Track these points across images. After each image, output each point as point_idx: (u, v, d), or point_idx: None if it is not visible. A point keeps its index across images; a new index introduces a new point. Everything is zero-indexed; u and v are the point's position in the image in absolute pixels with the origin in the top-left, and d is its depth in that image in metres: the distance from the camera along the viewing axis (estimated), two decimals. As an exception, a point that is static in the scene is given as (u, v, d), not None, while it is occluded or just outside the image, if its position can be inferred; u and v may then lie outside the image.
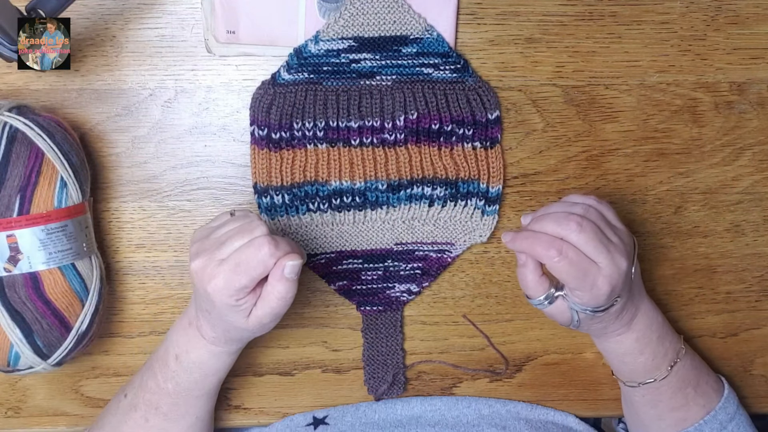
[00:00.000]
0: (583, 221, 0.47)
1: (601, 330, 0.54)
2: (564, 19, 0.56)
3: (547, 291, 0.50)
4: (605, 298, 0.48)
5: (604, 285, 0.47)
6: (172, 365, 0.52)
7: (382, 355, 0.59)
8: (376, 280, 0.59)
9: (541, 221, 0.49)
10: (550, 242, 0.47)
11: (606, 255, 0.47)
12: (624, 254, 0.48)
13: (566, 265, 0.47)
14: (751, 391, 0.64)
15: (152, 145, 0.57)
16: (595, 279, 0.47)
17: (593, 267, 0.47)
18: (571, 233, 0.47)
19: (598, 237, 0.47)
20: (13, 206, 0.48)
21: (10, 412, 0.60)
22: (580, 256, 0.47)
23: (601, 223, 0.49)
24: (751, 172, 0.59)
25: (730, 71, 0.57)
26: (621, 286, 0.48)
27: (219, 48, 0.55)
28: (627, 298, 0.51)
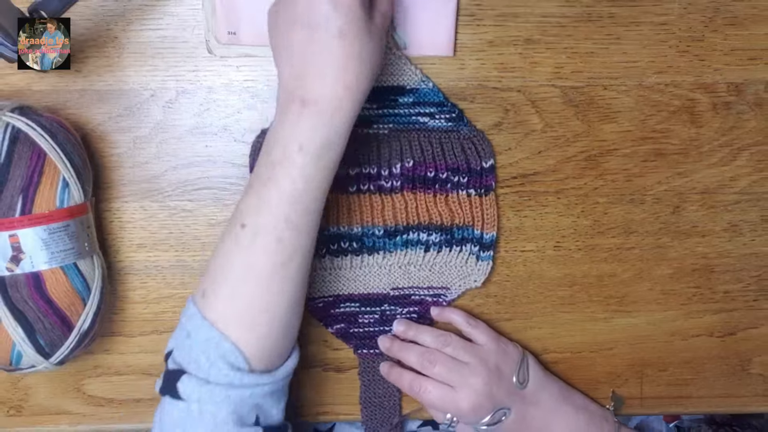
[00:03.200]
0: (434, 356, 0.56)
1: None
2: (563, 21, 0.56)
3: (448, 416, 0.56)
4: (473, 414, 0.55)
5: (464, 403, 0.54)
6: (298, 158, 0.45)
7: (379, 397, 0.60)
8: (373, 323, 0.59)
9: (404, 356, 0.57)
10: (413, 378, 0.56)
11: (459, 379, 0.55)
12: (482, 369, 0.55)
13: (430, 395, 0.55)
14: (749, 390, 0.64)
15: (153, 146, 0.57)
16: (456, 401, 0.54)
17: (452, 391, 0.55)
18: (428, 368, 0.56)
19: (447, 366, 0.55)
20: (15, 206, 0.49)
21: (13, 411, 0.61)
22: (436, 386, 0.55)
23: (459, 350, 0.56)
24: (748, 173, 0.60)
25: (727, 72, 0.58)
26: (487, 400, 0.54)
27: (220, 49, 0.55)
28: (522, 407, 0.56)
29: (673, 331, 0.62)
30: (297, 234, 0.46)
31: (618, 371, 0.63)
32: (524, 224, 0.59)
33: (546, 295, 0.61)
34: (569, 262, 0.61)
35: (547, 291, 0.61)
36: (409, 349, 0.57)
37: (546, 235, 0.60)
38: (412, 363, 0.56)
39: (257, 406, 0.47)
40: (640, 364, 0.63)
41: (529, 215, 0.59)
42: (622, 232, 0.60)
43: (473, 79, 0.57)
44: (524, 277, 0.61)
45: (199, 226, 0.58)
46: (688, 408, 0.64)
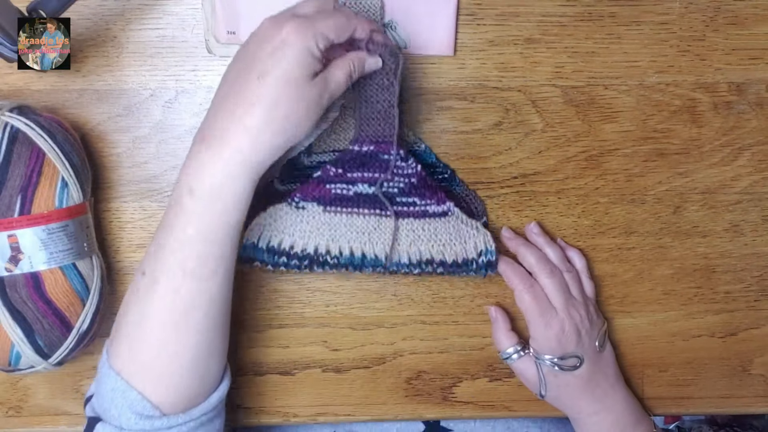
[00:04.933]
0: (556, 270, 0.56)
1: (573, 404, 0.57)
2: (563, 20, 0.56)
3: (515, 345, 0.57)
4: (555, 342, 0.55)
5: (555, 325, 0.54)
6: (188, 203, 0.44)
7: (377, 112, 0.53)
8: None
9: (524, 252, 0.56)
10: (524, 276, 0.55)
11: (563, 303, 0.55)
12: (582, 312, 0.56)
13: (529, 298, 0.55)
14: (750, 391, 0.64)
15: (153, 146, 0.57)
16: (549, 319, 0.55)
17: (551, 309, 0.55)
18: (542, 274, 0.55)
19: (561, 287, 0.55)
20: (14, 206, 0.48)
21: (11, 412, 0.61)
22: (543, 295, 0.55)
23: (574, 285, 0.57)
24: (750, 172, 0.59)
25: (729, 72, 0.57)
26: (574, 337, 0.55)
27: (220, 48, 0.55)
28: (593, 367, 0.56)
29: (674, 332, 0.62)
30: (196, 282, 0.44)
31: (619, 372, 0.63)
32: (525, 224, 0.59)
33: (546, 295, 0.61)
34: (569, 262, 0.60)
35: (547, 291, 0.61)
36: (532, 248, 0.56)
37: (546, 235, 0.60)
38: (528, 261, 0.56)
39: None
40: (640, 364, 0.63)
41: (529, 215, 0.59)
42: (622, 232, 0.60)
43: (473, 78, 0.56)
44: (525, 278, 0.61)
45: (198, 226, 0.58)
46: (689, 409, 0.64)
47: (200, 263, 0.44)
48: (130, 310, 0.46)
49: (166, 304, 0.45)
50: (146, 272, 0.45)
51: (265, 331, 0.61)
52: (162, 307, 0.45)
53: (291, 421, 0.62)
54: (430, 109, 0.57)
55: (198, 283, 0.45)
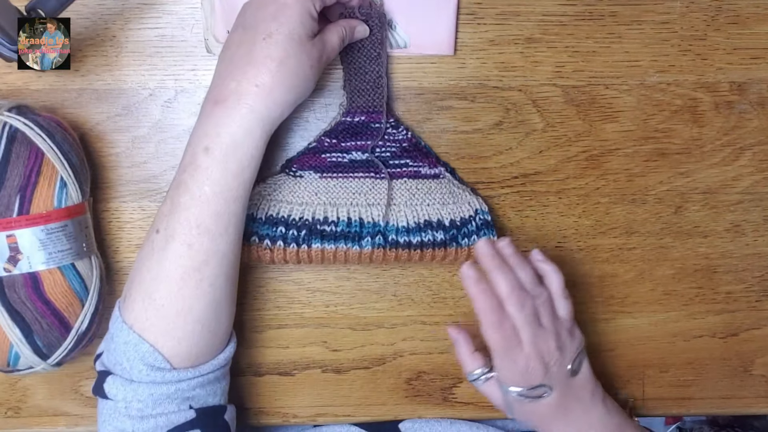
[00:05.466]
0: (527, 300, 0.50)
1: (545, 429, 0.54)
2: (564, 19, 0.56)
3: (481, 367, 0.55)
4: (520, 377, 0.51)
5: (520, 362, 0.51)
6: (203, 161, 0.46)
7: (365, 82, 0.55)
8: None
9: (496, 278, 0.50)
10: (493, 310, 0.50)
11: (530, 336, 0.50)
12: (552, 342, 0.51)
13: (495, 334, 0.50)
14: (751, 391, 0.64)
15: (152, 145, 0.57)
16: (515, 355, 0.51)
17: (517, 345, 0.51)
18: (511, 307, 0.50)
19: (530, 319, 0.50)
20: (12, 206, 0.48)
21: (10, 412, 0.60)
22: (510, 330, 0.50)
23: (545, 312, 0.52)
24: (751, 172, 0.59)
25: (730, 71, 0.57)
26: (540, 371, 0.51)
27: (219, 48, 0.55)
28: (564, 394, 0.53)
29: (675, 332, 0.62)
30: (210, 238, 0.46)
31: (619, 372, 0.63)
32: (525, 224, 0.59)
33: (547, 295, 0.61)
34: (570, 263, 0.60)
35: (548, 291, 0.61)
36: (505, 274, 0.50)
37: (547, 235, 0.60)
38: (501, 289, 0.50)
39: (187, 398, 0.48)
40: (641, 365, 0.63)
41: (530, 215, 0.59)
42: (623, 233, 0.60)
43: (474, 78, 0.56)
44: (525, 278, 0.60)
45: (198, 226, 0.58)
46: (690, 409, 0.64)
47: (215, 220, 0.46)
48: (144, 266, 0.48)
49: (180, 259, 0.46)
50: (160, 230, 0.47)
51: (265, 332, 0.60)
52: (176, 262, 0.46)
53: (291, 422, 0.62)
54: (430, 109, 0.57)
55: (211, 238, 0.47)
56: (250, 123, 0.46)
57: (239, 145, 0.46)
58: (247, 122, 0.46)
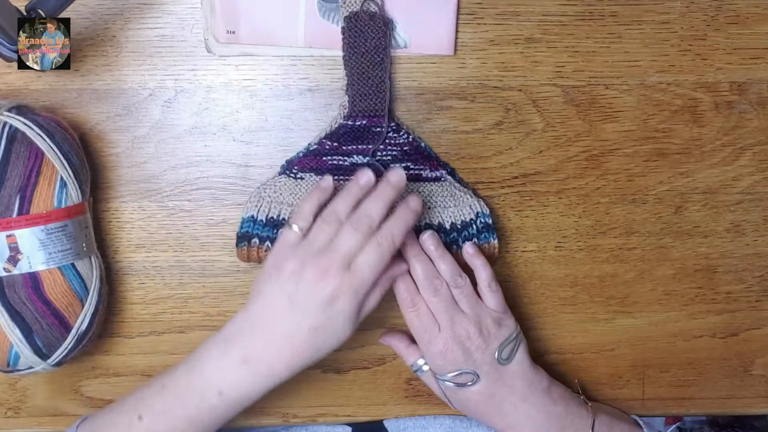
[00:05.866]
0: (442, 286, 0.53)
1: (485, 420, 0.55)
2: (564, 19, 0.56)
3: (419, 357, 0.56)
4: (441, 359, 0.53)
5: (438, 343, 0.52)
6: (214, 400, 0.49)
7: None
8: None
9: (413, 265, 0.53)
10: (409, 294, 0.53)
11: (447, 320, 0.52)
12: (471, 327, 0.53)
13: (412, 317, 0.53)
14: (752, 392, 0.64)
15: (152, 145, 0.57)
16: (431, 337, 0.53)
17: (434, 327, 0.53)
18: (426, 292, 0.53)
19: (446, 304, 0.53)
20: (12, 206, 0.48)
21: (10, 413, 0.60)
22: (427, 314, 0.53)
23: (465, 300, 0.53)
24: (751, 172, 0.59)
25: (730, 71, 0.57)
26: (460, 354, 0.52)
27: (219, 48, 0.55)
28: (494, 382, 0.54)
29: (675, 332, 0.62)
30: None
31: (619, 372, 0.63)
32: (525, 224, 0.59)
33: (547, 295, 0.61)
34: (571, 263, 0.60)
35: (548, 291, 0.61)
36: (423, 261, 0.53)
37: (547, 235, 0.60)
38: (416, 276, 0.53)
39: None
40: (641, 365, 0.63)
41: (530, 215, 0.59)
42: (623, 233, 0.60)
43: (474, 78, 0.56)
44: (525, 278, 0.60)
45: (198, 226, 0.58)
46: (690, 409, 0.64)
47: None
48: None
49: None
50: (144, 419, 0.49)
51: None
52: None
53: (291, 422, 0.62)
54: (430, 109, 0.57)
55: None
56: (269, 386, 0.49)
57: (253, 398, 0.49)
58: (269, 386, 0.49)
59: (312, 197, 0.50)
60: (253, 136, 0.57)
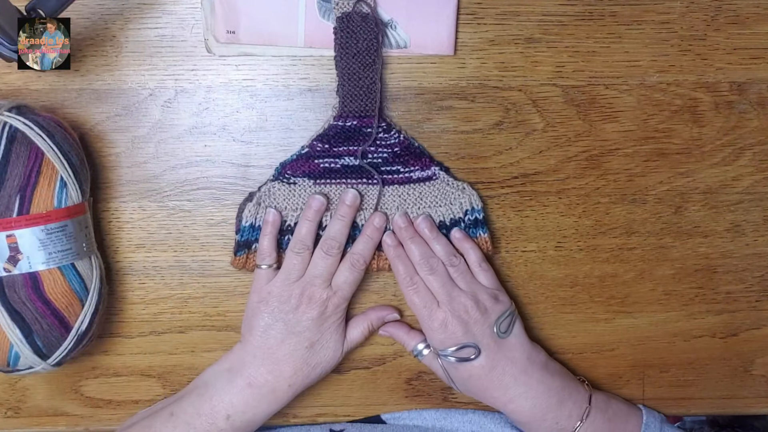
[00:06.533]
0: (438, 265, 0.55)
1: (487, 395, 0.56)
2: (564, 19, 0.56)
3: (420, 342, 0.58)
4: (441, 334, 0.54)
5: (438, 318, 0.54)
6: (221, 424, 0.53)
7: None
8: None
9: (409, 247, 0.56)
10: (407, 273, 0.55)
11: (445, 295, 0.54)
12: (469, 302, 0.54)
13: (411, 294, 0.55)
14: (752, 392, 0.64)
15: (152, 145, 0.57)
16: (431, 312, 0.55)
17: (432, 303, 0.55)
18: (422, 271, 0.55)
19: (443, 281, 0.55)
20: (12, 206, 0.48)
21: (10, 412, 0.60)
22: (425, 291, 0.55)
23: (461, 277, 0.55)
24: (751, 172, 0.59)
25: (730, 71, 0.57)
26: (459, 328, 0.54)
27: (219, 48, 0.55)
28: (494, 355, 0.55)
29: (675, 332, 0.62)
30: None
31: (619, 372, 0.63)
32: (525, 224, 0.59)
33: (547, 295, 0.61)
34: (571, 263, 0.60)
35: (548, 291, 0.61)
36: (418, 243, 0.56)
37: (547, 235, 0.60)
38: (413, 256, 0.55)
39: None
40: (641, 365, 0.63)
41: (530, 215, 0.59)
42: (623, 233, 0.60)
43: (474, 78, 0.56)
44: (525, 278, 0.60)
45: (197, 226, 0.58)
46: (690, 409, 0.64)
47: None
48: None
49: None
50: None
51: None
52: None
53: (291, 422, 0.62)
54: (430, 109, 0.57)
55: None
56: (274, 406, 0.55)
57: (259, 420, 0.55)
58: (273, 406, 0.55)
59: (265, 233, 0.55)
60: (253, 136, 0.57)
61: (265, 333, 0.54)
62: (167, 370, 0.60)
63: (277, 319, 0.54)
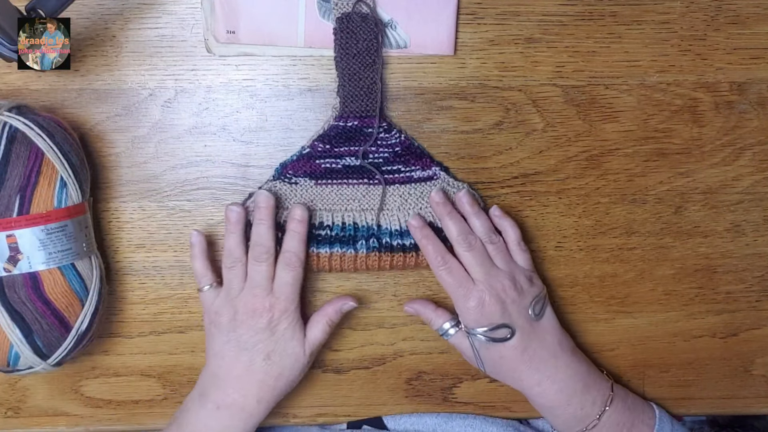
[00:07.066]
0: (476, 242, 0.54)
1: (514, 376, 0.56)
2: (564, 19, 0.56)
3: (447, 320, 0.57)
4: (478, 313, 0.53)
5: (474, 297, 0.53)
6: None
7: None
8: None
9: (447, 223, 0.55)
10: (439, 252, 0.54)
11: (482, 274, 0.54)
12: (506, 281, 0.54)
13: (445, 274, 0.54)
14: (752, 391, 0.64)
15: (152, 145, 0.57)
16: (467, 291, 0.54)
17: (468, 281, 0.54)
18: (460, 248, 0.54)
19: (481, 259, 0.54)
20: (12, 206, 0.48)
21: (10, 413, 0.60)
22: (460, 269, 0.54)
23: (499, 256, 0.55)
24: (751, 172, 0.59)
25: (730, 71, 0.57)
26: (497, 307, 0.53)
27: (219, 48, 0.55)
28: (528, 336, 0.55)
29: (675, 332, 0.62)
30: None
31: (620, 372, 0.63)
32: (525, 224, 0.59)
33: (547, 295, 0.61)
34: (571, 263, 0.60)
35: (548, 291, 0.61)
36: (456, 219, 0.55)
37: (547, 235, 0.60)
38: (450, 233, 0.54)
39: None
40: (641, 365, 0.63)
41: (530, 215, 0.59)
42: (623, 233, 0.60)
43: (474, 78, 0.56)
44: (525, 278, 0.60)
45: (197, 226, 0.58)
46: (690, 409, 0.64)
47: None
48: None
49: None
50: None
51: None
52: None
53: (291, 422, 0.62)
54: (430, 109, 0.57)
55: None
56: (251, 423, 0.54)
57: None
58: (250, 423, 0.54)
59: (195, 257, 0.55)
60: (253, 136, 0.57)
61: (221, 353, 0.54)
62: (167, 370, 0.60)
63: (229, 338, 0.54)
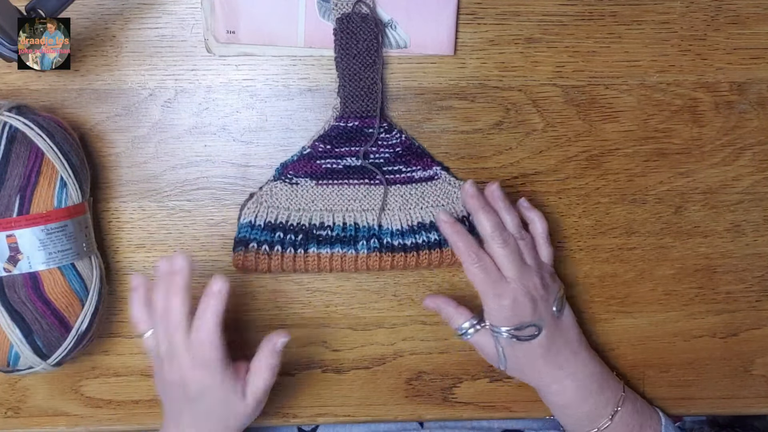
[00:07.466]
0: (510, 238, 0.53)
1: (535, 374, 0.55)
2: (564, 19, 0.56)
3: (468, 319, 0.56)
4: (510, 312, 0.52)
5: (507, 296, 0.52)
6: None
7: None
8: None
9: (480, 218, 0.53)
10: (472, 248, 0.53)
11: (516, 272, 0.52)
12: (536, 279, 0.53)
13: (478, 271, 0.52)
14: (752, 391, 0.64)
15: (152, 145, 0.57)
16: (501, 290, 0.52)
17: (502, 279, 0.52)
18: (494, 244, 0.52)
19: (514, 256, 0.53)
20: (12, 206, 0.48)
21: (10, 413, 0.60)
22: (492, 266, 0.52)
23: (528, 252, 0.54)
24: (751, 172, 0.59)
25: (730, 71, 0.57)
26: (529, 306, 0.52)
27: (219, 48, 0.55)
28: (553, 334, 0.54)
29: (675, 332, 0.62)
30: None
31: (620, 372, 0.63)
32: (525, 224, 0.59)
33: (547, 295, 0.61)
34: (571, 263, 0.60)
35: (548, 292, 0.61)
36: (490, 213, 0.53)
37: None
38: (483, 228, 0.53)
39: None
40: (641, 365, 0.63)
41: (530, 215, 0.59)
42: (623, 233, 0.60)
43: (474, 78, 0.56)
44: (525, 278, 0.60)
45: (197, 226, 0.58)
46: (690, 409, 0.64)
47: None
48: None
49: None
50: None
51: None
52: None
53: (291, 422, 0.62)
54: (430, 109, 0.57)
55: None
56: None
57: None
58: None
59: (132, 300, 0.52)
60: (253, 136, 0.57)
61: (167, 407, 0.53)
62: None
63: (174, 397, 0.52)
